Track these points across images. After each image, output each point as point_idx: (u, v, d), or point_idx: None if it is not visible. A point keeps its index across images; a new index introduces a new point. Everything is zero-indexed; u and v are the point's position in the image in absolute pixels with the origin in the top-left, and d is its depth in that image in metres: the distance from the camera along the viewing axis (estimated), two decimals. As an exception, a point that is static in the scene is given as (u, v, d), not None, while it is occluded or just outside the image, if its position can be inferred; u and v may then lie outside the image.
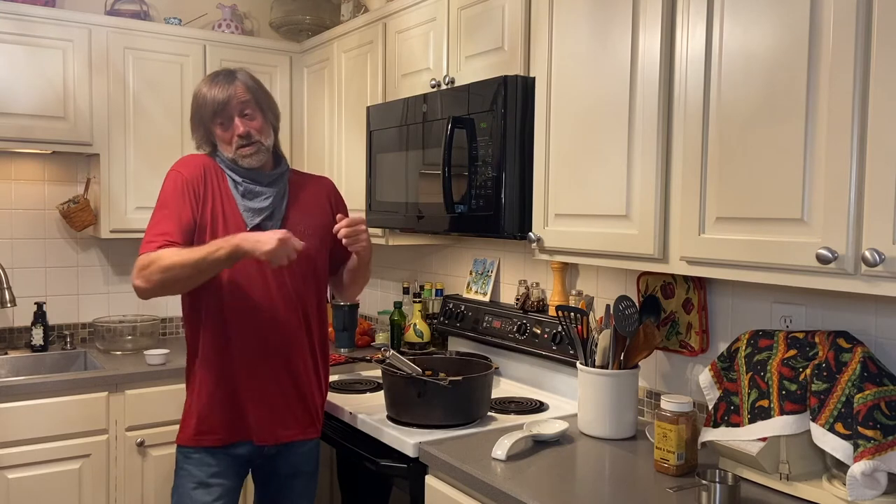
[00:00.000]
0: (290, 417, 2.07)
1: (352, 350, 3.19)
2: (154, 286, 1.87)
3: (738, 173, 1.52)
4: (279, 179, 2.10)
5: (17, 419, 2.66)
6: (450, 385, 2.05)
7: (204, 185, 2.01)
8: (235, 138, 2.00)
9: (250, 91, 2.03)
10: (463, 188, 2.17)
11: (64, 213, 3.21)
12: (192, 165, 2.04)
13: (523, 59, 2.14)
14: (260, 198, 2.04)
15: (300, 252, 1.97)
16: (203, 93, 2.02)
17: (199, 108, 2.03)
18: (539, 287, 2.54)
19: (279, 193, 2.08)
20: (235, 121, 2.00)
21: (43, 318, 3.17)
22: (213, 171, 2.05)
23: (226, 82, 2.01)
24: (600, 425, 2.00)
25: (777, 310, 1.86)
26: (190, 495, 2.00)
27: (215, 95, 1.99)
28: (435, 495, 1.91)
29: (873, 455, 1.40)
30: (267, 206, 2.04)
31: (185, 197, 1.97)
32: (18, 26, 2.89)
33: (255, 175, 2.05)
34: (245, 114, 2.02)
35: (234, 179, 2.04)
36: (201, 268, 1.85)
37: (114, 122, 3.11)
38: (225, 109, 2.00)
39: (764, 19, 1.46)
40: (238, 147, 2.01)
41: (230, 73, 2.04)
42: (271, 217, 2.05)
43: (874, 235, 1.28)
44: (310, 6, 3.55)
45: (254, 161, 2.03)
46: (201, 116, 2.04)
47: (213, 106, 2.00)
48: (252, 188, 2.04)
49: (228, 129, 2.01)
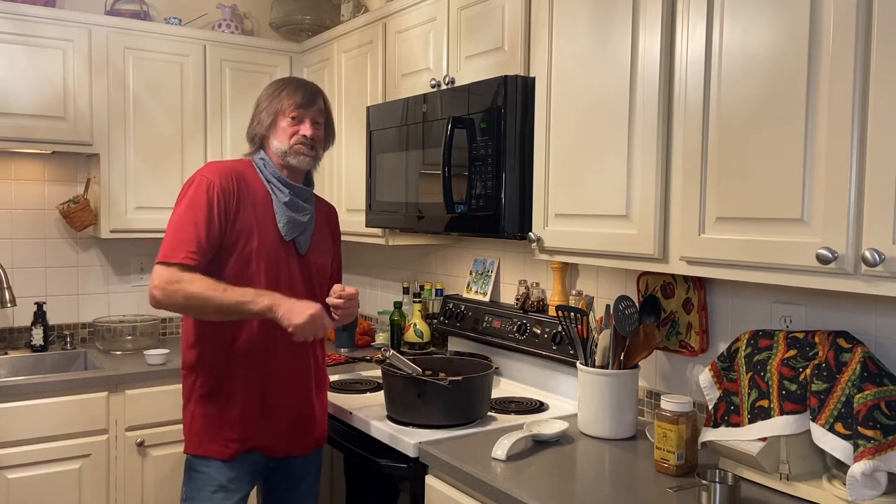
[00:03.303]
0: (305, 429, 2.10)
1: (352, 350, 3.19)
2: (172, 306, 1.86)
3: (738, 173, 1.52)
4: (311, 198, 2.13)
5: (17, 419, 2.66)
6: (450, 385, 2.05)
7: (237, 195, 1.96)
8: (300, 136, 2.01)
9: (327, 113, 2.10)
10: (463, 188, 2.17)
11: (64, 213, 3.21)
12: (223, 173, 1.97)
13: (523, 59, 2.14)
14: (302, 212, 2.06)
15: (319, 270, 2.10)
16: (288, 85, 2.05)
17: (278, 95, 2.03)
18: (539, 287, 2.54)
19: (312, 211, 2.11)
20: (307, 122, 2.03)
21: (43, 318, 3.17)
22: (248, 177, 2.02)
23: (313, 90, 2.07)
24: (600, 425, 2.00)
25: (777, 310, 1.86)
26: (210, 499, 1.98)
27: (303, 94, 2.03)
28: (435, 495, 1.91)
29: (873, 455, 1.40)
30: (305, 222, 2.07)
31: (214, 208, 1.91)
32: (18, 26, 2.89)
33: (298, 189, 2.06)
34: (317, 122, 2.06)
35: (280, 189, 2.02)
36: (226, 312, 1.85)
37: (114, 122, 3.11)
38: (305, 108, 2.02)
39: (764, 19, 1.46)
40: (297, 143, 2.01)
41: (317, 88, 2.10)
42: (304, 232, 2.07)
43: (874, 235, 1.28)
44: (310, 6, 3.55)
45: (303, 163, 2.04)
46: (275, 105, 2.03)
47: (296, 99, 2.01)
48: (297, 201, 2.05)
49: (297, 125, 2.02)
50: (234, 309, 1.84)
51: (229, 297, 1.83)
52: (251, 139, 2.10)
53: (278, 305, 1.83)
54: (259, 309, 1.83)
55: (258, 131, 2.07)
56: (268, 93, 2.07)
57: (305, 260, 2.08)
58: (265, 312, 1.83)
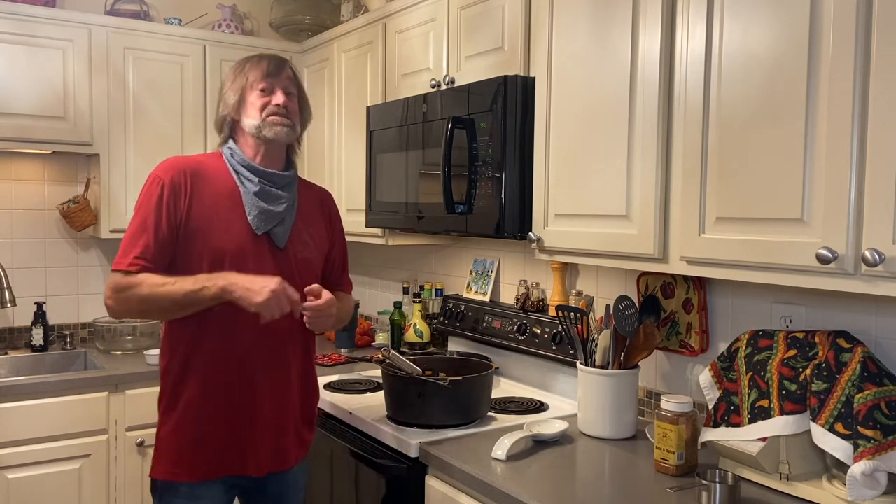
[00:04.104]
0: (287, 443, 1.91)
1: (352, 350, 3.19)
2: (129, 312, 1.78)
3: (738, 173, 1.52)
4: (291, 184, 1.93)
5: (17, 419, 2.66)
6: (450, 385, 2.05)
7: (189, 190, 1.81)
8: (272, 106, 1.84)
9: (298, 84, 1.94)
10: (463, 188, 2.17)
11: (64, 213, 3.21)
12: (176, 169, 1.83)
13: (523, 59, 2.14)
14: (276, 202, 1.87)
15: (303, 264, 1.89)
16: (251, 58, 1.90)
17: (241, 70, 1.88)
18: (539, 287, 2.54)
19: (291, 198, 1.91)
20: (278, 91, 1.86)
21: (43, 318, 3.17)
22: (210, 170, 1.86)
23: (279, 60, 1.91)
24: (600, 425, 2.00)
25: (777, 310, 1.86)
26: None
27: (268, 63, 1.87)
28: (435, 495, 1.91)
29: (873, 455, 1.40)
30: (281, 212, 1.87)
31: (163, 207, 1.78)
32: (18, 26, 2.89)
33: (271, 176, 1.87)
34: (289, 93, 1.88)
35: (248, 178, 1.85)
36: (182, 305, 1.73)
37: (114, 122, 3.11)
38: (274, 76, 1.86)
39: (764, 19, 1.46)
40: (270, 114, 1.83)
41: (283, 59, 1.93)
42: (282, 223, 1.88)
43: (874, 235, 1.28)
44: (310, 6, 3.55)
45: (281, 134, 1.85)
46: (240, 81, 1.87)
47: (261, 69, 1.85)
48: (269, 190, 1.86)
49: (268, 95, 1.85)
50: (188, 299, 1.71)
51: (180, 287, 1.71)
52: (219, 126, 1.92)
53: (233, 285, 1.69)
54: (214, 293, 1.69)
55: (226, 113, 1.89)
56: (230, 72, 1.92)
57: (285, 254, 1.88)
58: (221, 295, 1.69)
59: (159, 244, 1.78)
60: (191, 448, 1.83)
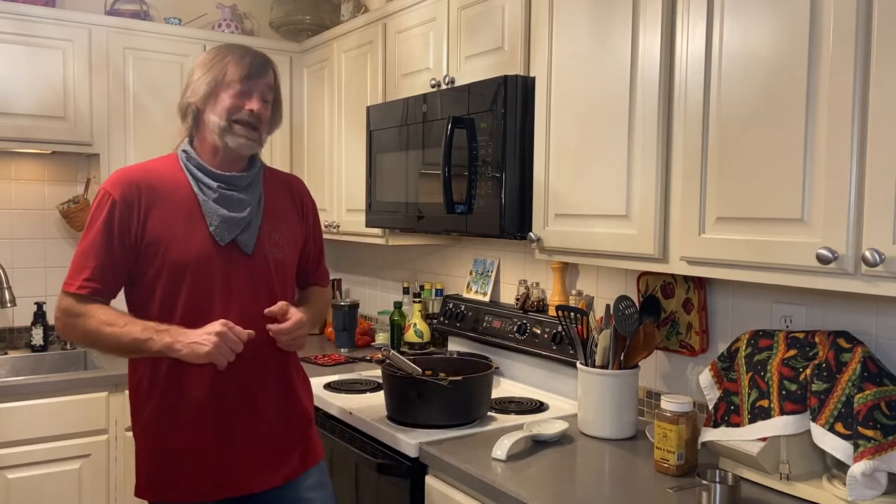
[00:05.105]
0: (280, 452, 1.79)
1: (352, 350, 3.19)
2: (75, 340, 1.73)
3: (738, 173, 1.52)
4: (255, 182, 1.80)
5: (17, 419, 2.66)
6: (450, 385, 2.05)
7: (142, 204, 1.68)
8: (245, 111, 1.71)
9: (276, 90, 1.82)
10: (463, 188, 2.17)
11: (64, 213, 3.21)
12: (125, 182, 1.70)
13: (523, 59, 2.14)
14: (239, 207, 1.73)
15: (277, 267, 1.78)
16: (234, 52, 1.74)
17: (220, 61, 1.72)
18: (539, 287, 2.54)
19: (255, 199, 1.78)
20: (255, 97, 1.73)
21: (43, 318, 3.17)
22: (164, 179, 1.73)
23: (263, 60, 1.77)
24: (600, 425, 2.00)
25: (777, 310, 1.86)
26: None
27: (250, 62, 1.73)
28: (435, 495, 1.91)
29: (873, 455, 1.40)
30: (245, 216, 1.74)
31: (114, 224, 1.66)
32: (18, 26, 2.89)
33: (231, 179, 1.74)
34: (265, 100, 1.76)
35: (207, 185, 1.72)
36: (128, 350, 1.66)
37: (114, 122, 3.11)
38: (254, 79, 1.73)
39: (764, 20, 1.46)
40: (239, 121, 1.71)
41: (267, 59, 1.79)
42: (248, 228, 1.75)
43: (874, 235, 1.28)
44: (310, 6, 3.55)
45: (243, 147, 1.73)
46: (216, 73, 1.71)
47: (242, 69, 1.71)
48: (230, 195, 1.73)
49: (242, 99, 1.71)
50: (134, 346, 1.63)
51: (128, 332, 1.62)
52: (182, 113, 1.77)
53: (177, 342, 1.60)
54: (159, 348, 1.61)
55: (192, 101, 1.73)
56: (207, 58, 1.75)
57: (254, 260, 1.76)
58: (166, 353, 1.61)
59: (110, 265, 1.68)
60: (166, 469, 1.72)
